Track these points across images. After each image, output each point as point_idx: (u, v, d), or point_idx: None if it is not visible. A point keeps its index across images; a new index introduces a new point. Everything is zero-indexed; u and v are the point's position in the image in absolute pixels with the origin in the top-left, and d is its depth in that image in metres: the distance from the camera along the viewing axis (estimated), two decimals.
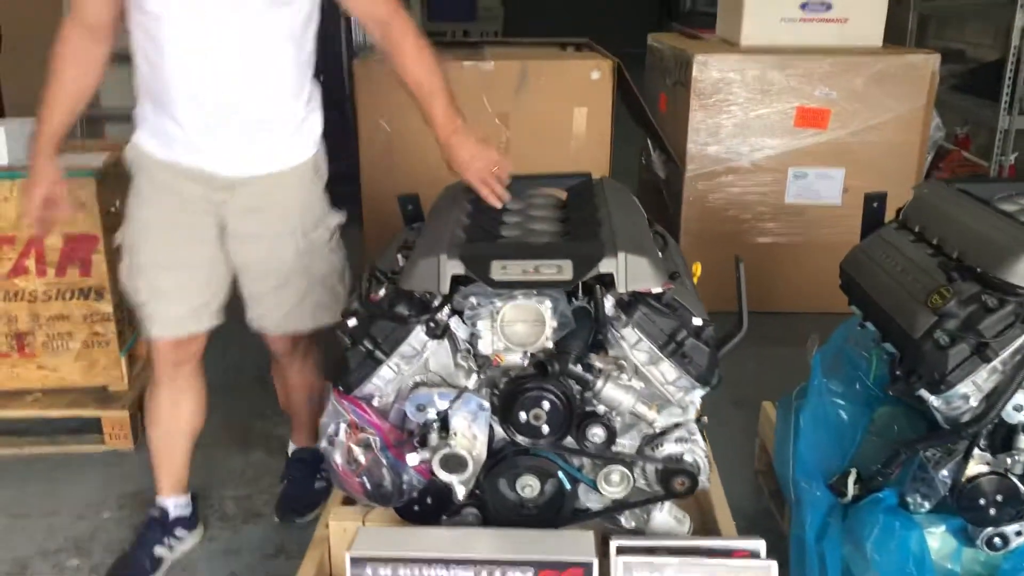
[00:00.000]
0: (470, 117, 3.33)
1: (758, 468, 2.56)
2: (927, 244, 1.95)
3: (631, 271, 1.63)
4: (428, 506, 1.79)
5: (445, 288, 1.65)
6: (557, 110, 3.34)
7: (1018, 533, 1.78)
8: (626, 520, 1.83)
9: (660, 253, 1.88)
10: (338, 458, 1.72)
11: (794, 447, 2.15)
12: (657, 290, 1.67)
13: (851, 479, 2.01)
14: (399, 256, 1.85)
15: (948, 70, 3.98)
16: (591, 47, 3.83)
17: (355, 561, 1.59)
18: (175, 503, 2.25)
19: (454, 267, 1.63)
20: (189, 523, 2.28)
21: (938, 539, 1.85)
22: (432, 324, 1.66)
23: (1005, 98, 4.57)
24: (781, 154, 3.58)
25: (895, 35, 3.77)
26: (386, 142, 3.40)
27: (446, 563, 1.58)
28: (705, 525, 1.96)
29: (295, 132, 2.06)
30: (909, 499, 1.89)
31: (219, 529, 2.33)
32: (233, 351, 2.78)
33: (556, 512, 1.78)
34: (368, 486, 1.73)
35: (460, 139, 1.98)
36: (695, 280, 1.96)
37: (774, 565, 1.59)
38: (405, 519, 1.81)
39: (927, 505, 1.85)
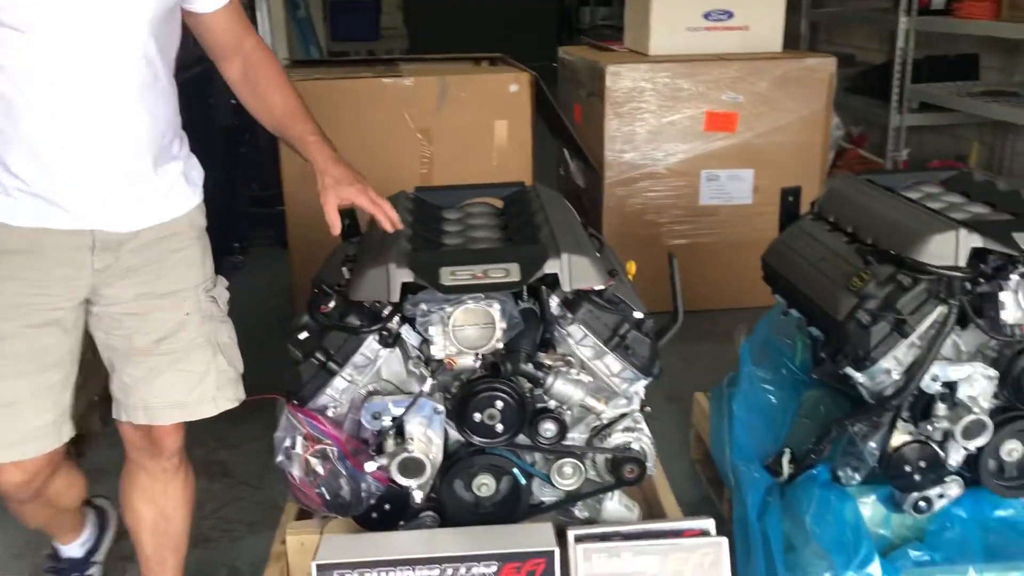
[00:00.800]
0: (392, 134, 3.42)
1: (695, 457, 2.66)
2: (843, 233, 2.08)
3: (574, 270, 1.70)
4: (386, 512, 1.82)
5: (395, 296, 1.69)
6: (478, 123, 3.41)
7: (940, 496, 1.91)
8: (579, 511, 1.89)
9: (597, 253, 1.96)
10: (296, 471, 1.73)
11: (729, 433, 2.25)
12: (599, 287, 1.74)
13: (786, 459, 2.13)
14: (344, 269, 1.88)
15: (841, 73, 4.21)
16: (505, 61, 3.91)
17: (321, 568, 1.61)
18: (74, 546, 2.08)
19: (403, 275, 1.68)
20: (95, 547, 2.12)
21: (870, 508, 1.97)
22: (384, 333, 1.70)
23: (895, 98, 4.85)
24: (693, 158, 3.72)
25: (789, 42, 3.95)
26: None
27: (411, 563, 1.61)
28: (652, 511, 2.04)
29: (183, 170, 1.75)
30: (840, 473, 2.00)
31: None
32: None
33: (512, 508, 1.83)
34: (327, 496, 1.75)
35: (342, 163, 1.76)
36: (630, 277, 2.04)
37: (724, 541, 1.67)
38: (364, 527, 1.84)
39: (858, 477, 1.97)
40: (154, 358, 1.70)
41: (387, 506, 1.81)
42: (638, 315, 1.76)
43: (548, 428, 1.76)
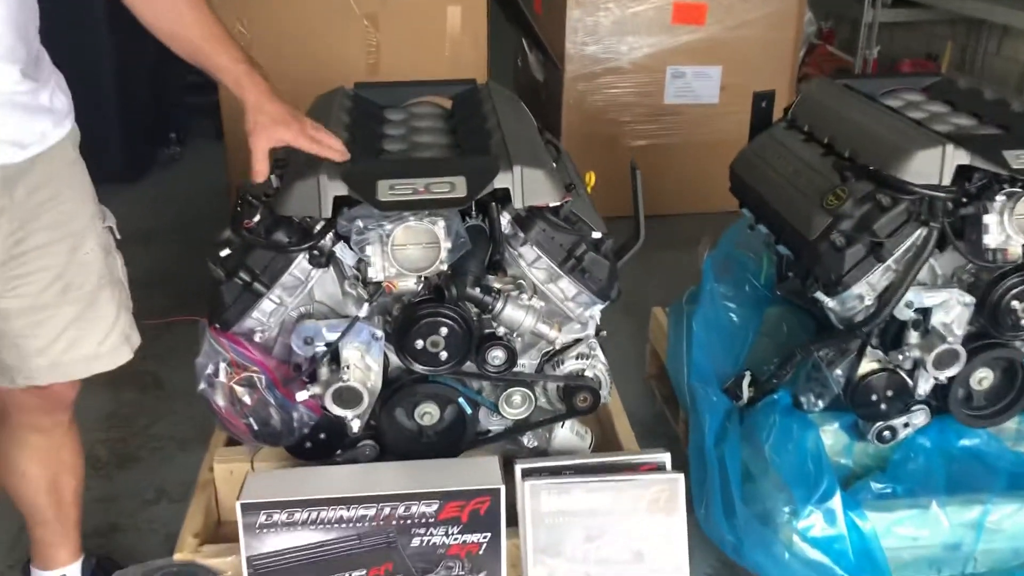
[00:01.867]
0: (336, 20, 3.14)
1: (650, 373, 2.57)
2: (818, 143, 1.93)
3: (527, 185, 1.54)
4: (321, 442, 1.69)
5: (327, 212, 1.52)
6: (429, 9, 3.15)
7: (905, 425, 1.83)
8: (528, 440, 1.78)
9: (554, 164, 1.79)
10: (220, 400, 1.59)
11: (688, 353, 2.14)
12: (555, 204, 1.58)
13: (746, 382, 2.03)
14: (273, 176, 1.69)
15: None
16: None
17: (246, 508, 1.48)
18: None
19: (336, 188, 1.50)
20: None
21: (831, 436, 1.89)
22: (315, 252, 1.53)
23: None
24: (659, 52, 3.51)
25: None
26: (246, 47, 3.13)
27: (345, 502, 1.50)
28: (606, 438, 1.94)
29: (56, 85, 1.46)
30: (803, 399, 1.91)
31: (92, 478, 2.14)
32: None
33: (457, 438, 1.72)
34: (255, 427, 1.62)
35: (277, 98, 1.48)
36: (589, 189, 1.88)
37: (681, 478, 1.58)
38: (297, 457, 1.71)
39: (821, 404, 1.88)
40: (62, 309, 1.48)
41: (322, 436, 1.68)
42: (596, 235, 1.61)
43: (496, 356, 1.62)
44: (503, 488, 1.52)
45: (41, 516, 1.67)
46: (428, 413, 1.68)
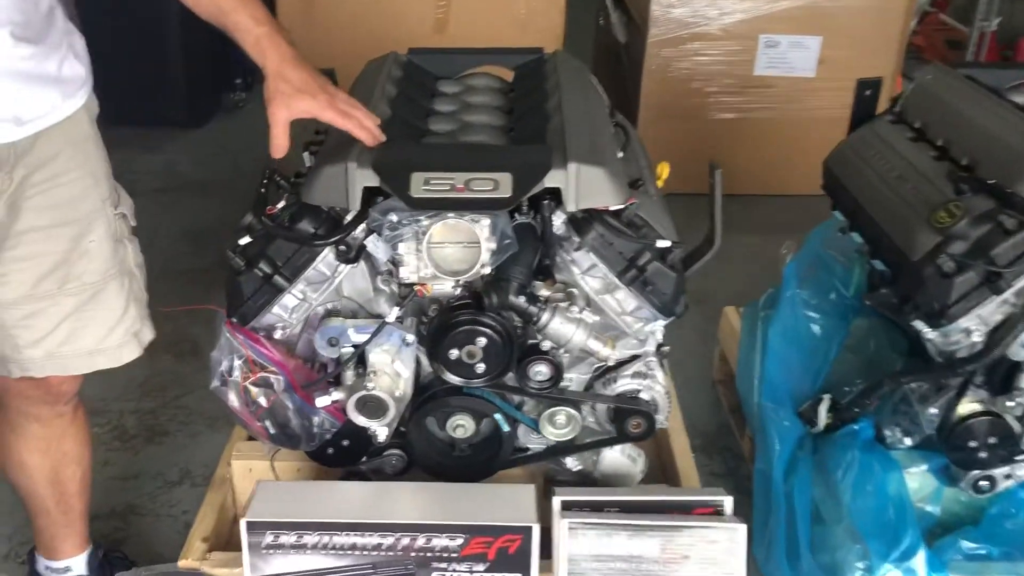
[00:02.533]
0: None
1: (716, 379, 2.36)
2: (930, 145, 1.67)
3: (584, 186, 1.34)
4: (344, 449, 1.54)
5: (356, 203, 1.34)
6: None
7: (1007, 476, 1.60)
8: (572, 461, 1.61)
9: (621, 152, 1.58)
10: (234, 399, 1.44)
11: (761, 366, 1.93)
12: (616, 208, 1.38)
13: (824, 407, 1.81)
14: (306, 155, 1.53)
15: None
16: None
17: (252, 526, 1.34)
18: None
19: (365, 178, 1.32)
20: None
21: (917, 479, 1.66)
22: (342, 247, 1.36)
23: None
24: (753, 18, 3.22)
25: None
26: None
27: (362, 528, 1.34)
28: (661, 461, 1.76)
29: (70, 49, 1.32)
30: (887, 432, 1.69)
31: (118, 451, 2.07)
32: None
33: (492, 456, 1.55)
34: (270, 430, 1.47)
35: (301, 64, 1.31)
36: (660, 183, 1.67)
37: (743, 529, 1.38)
38: (318, 463, 1.57)
39: (908, 442, 1.66)
40: (60, 300, 1.35)
41: (345, 442, 1.53)
42: (664, 243, 1.40)
43: (540, 372, 1.45)
44: (537, 528, 1.35)
45: (42, 506, 1.56)
46: (461, 426, 1.52)
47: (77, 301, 1.37)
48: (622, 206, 1.38)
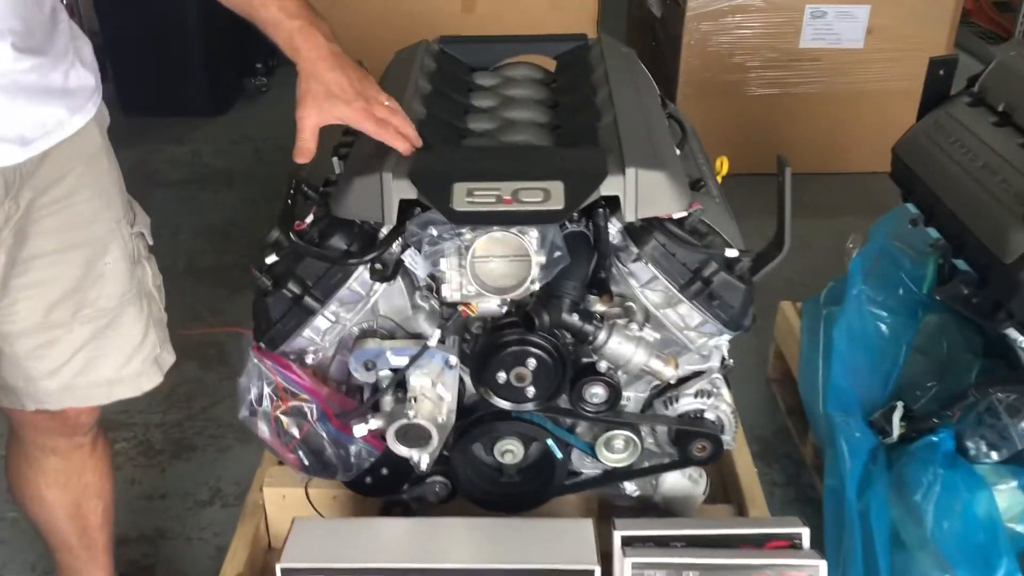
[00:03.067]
0: None
1: (772, 377, 2.22)
2: (1017, 131, 1.52)
3: (644, 193, 1.20)
4: (384, 478, 1.43)
5: (392, 217, 1.22)
6: None
7: None
8: (631, 486, 1.49)
9: (678, 149, 1.44)
10: (265, 430, 1.34)
11: (826, 371, 1.79)
12: (679, 215, 1.25)
13: (897, 415, 1.67)
14: (335, 160, 1.40)
15: None
16: None
17: (288, 573, 1.23)
18: None
19: (402, 190, 1.20)
20: None
21: (1006, 497, 1.52)
22: (378, 266, 1.24)
23: None
24: None
25: None
26: None
27: (407, 573, 1.23)
28: (722, 477, 1.63)
29: (76, 56, 1.18)
30: (970, 444, 1.56)
31: (144, 468, 1.98)
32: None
33: (544, 483, 1.43)
34: (305, 461, 1.37)
35: (340, 62, 1.16)
36: (720, 177, 1.53)
37: (822, 566, 1.25)
38: (356, 492, 1.46)
39: (994, 456, 1.52)
40: (75, 328, 1.24)
41: (384, 471, 1.41)
42: (731, 252, 1.27)
43: (596, 394, 1.32)
44: (598, 570, 1.23)
45: (63, 542, 1.47)
46: (510, 451, 1.40)
47: (93, 328, 1.26)
48: (685, 213, 1.25)
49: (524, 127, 1.41)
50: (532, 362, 1.27)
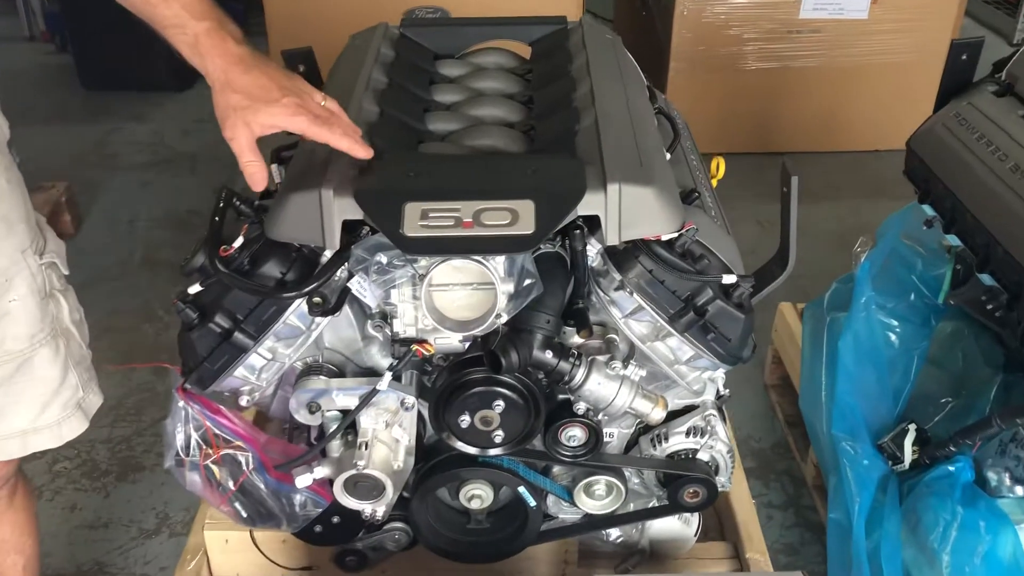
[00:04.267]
0: None
1: (769, 383, 2.06)
2: None
3: (628, 212, 1.03)
4: (335, 527, 1.26)
5: (334, 242, 1.04)
6: None
7: None
8: (614, 531, 1.33)
9: (668, 153, 1.26)
10: (194, 481, 1.17)
11: (829, 387, 1.63)
12: (669, 236, 1.07)
13: (908, 439, 1.52)
14: (275, 167, 1.22)
15: None
16: None
17: None
18: None
19: (345, 209, 1.02)
20: None
21: None
22: (316, 300, 1.06)
23: None
24: None
25: None
26: None
27: None
28: (718, 513, 1.48)
29: None
30: (991, 475, 1.41)
31: (87, 493, 1.81)
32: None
33: (517, 531, 1.27)
34: (244, 513, 1.20)
35: (255, 65, 0.98)
36: (715, 182, 1.36)
37: None
38: (306, 542, 1.30)
39: (1020, 491, 1.37)
40: None
41: (335, 519, 1.25)
42: (729, 278, 1.09)
43: (574, 437, 1.16)
44: None
45: None
46: (477, 496, 1.23)
47: (0, 374, 1.09)
48: (676, 234, 1.07)
49: (491, 130, 1.22)
50: (500, 404, 1.10)
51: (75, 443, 1.89)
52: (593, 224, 1.05)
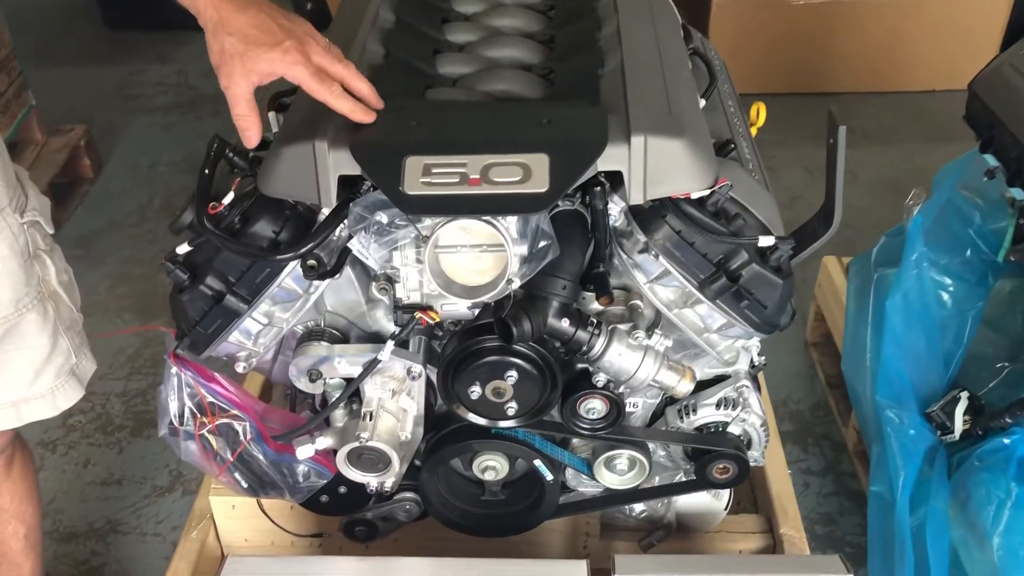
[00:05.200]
0: None
1: (811, 340, 1.95)
2: None
3: (655, 167, 0.92)
4: (341, 497, 1.20)
5: (330, 198, 0.95)
6: None
7: None
8: (637, 505, 1.25)
9: (703, 99, 1.15)
10: (190, 451, 1.10)
11: (875, 350, 1.52)
12: (700, 193, 0.96)
13: (960, 408, 1.41)
14: (272, 115, 1.13)
15: None
16: None
17: None
18: None
19: (341, 164, 0.93)
20: None
21: None
22: (311, 263, 0.98)
23: None
24: None
25: None
26: None
27: None
28: (752, 482, 1.39)
29: None
30: None
31: (100, 448, 1.77)
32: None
33: (533, 505, 1.19)
34: (244, 483, 1.14)
35: (249, 2, 0.90)
36: (754, 131, 1.24)
37: None
38: (312, 511, 1.24)
39: None
40: None
41: (342, 489, 1.18)
42: (767, 240, 0.99)
43: (593, 409, 1.07)
44: None
45: None
46: (492, 468, 1.16)
47: None
48: (708, 191, 0.96)
49: (507, 73, 1.11)
50: (512, 375, 1.02)
51: (90, 396, 1.86)
52: (615, 180, 0.95)
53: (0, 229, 1.02)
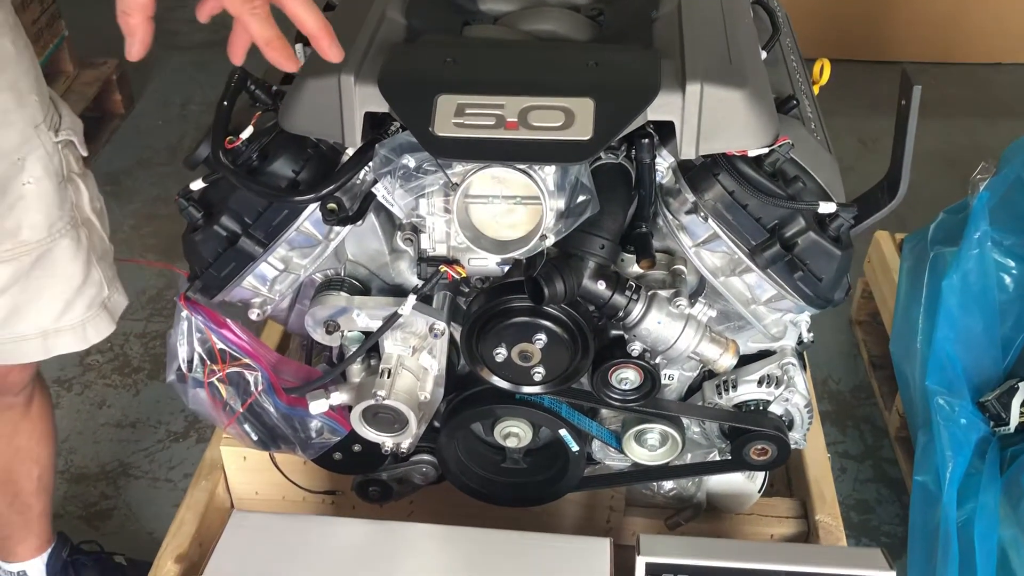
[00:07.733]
0: None
1: (856, 318, 1.86)
2: None
3: (711, 119, 0.84)
4: (356, 455, 1.14)
5: (355, 138, 0.88)
6: None
7: None
8: (667, 483, 1.18)
9: (764, 52, 1.06)
10: (198, 399, 1.05)
11: (927, 332, 1.44)
12: (758, 151, 0.88)
13: (1017, 400, 1.33)
14: (299, 47, 1.06)
15: None
16: None
17: None
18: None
19: (368, 100, 0.85)
20: None
21: None
22: (331, 207, 0.91)
23: None
24: None
25: None
26: None
27: None
28: (788, 465, 1.32)
29: None
30: None
31: (116, 389, 1.74)
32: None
33: (557, 474, 1.13)
34: (254, 436, 1.09)
35: None
36: (817, 89, 1.15)
37: None
38: (326, 469, 1.18)
39: None
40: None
41: (356, 447, 1.13)
42: (828, 207, 0.90)
43: (626, 379, 1.00)
44: None
45: None
46: (514, 435, 1.10)
47: (15, 269, 0.99)
48: (766, 149, 0.88)
49: (553, 12, 1.03)
50: (541, 338, 0.95)
51: (108, 336, 1.83)
52: (666, 132, 0.87)
53: (35, 147, 0.97)
